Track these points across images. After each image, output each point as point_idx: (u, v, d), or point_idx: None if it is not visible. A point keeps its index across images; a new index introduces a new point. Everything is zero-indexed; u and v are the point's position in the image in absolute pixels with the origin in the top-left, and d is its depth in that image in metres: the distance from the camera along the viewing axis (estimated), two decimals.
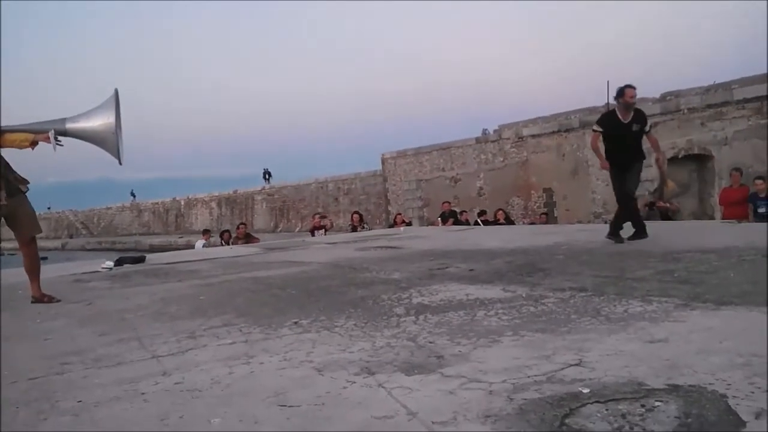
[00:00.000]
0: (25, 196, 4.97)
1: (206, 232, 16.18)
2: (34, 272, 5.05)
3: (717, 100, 16.95)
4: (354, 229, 14.30)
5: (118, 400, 2.35)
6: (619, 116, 6.56)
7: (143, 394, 2.41)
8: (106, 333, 3.68)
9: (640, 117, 6.61)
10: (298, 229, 32.11)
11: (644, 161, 6.77)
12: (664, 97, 19.94)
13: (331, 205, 31.94)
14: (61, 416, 2.22)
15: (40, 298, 5.00)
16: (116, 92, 4.93)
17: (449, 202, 16.97)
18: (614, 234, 6.71)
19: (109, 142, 4.82)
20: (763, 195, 10.17)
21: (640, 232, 6.61)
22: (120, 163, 4.97)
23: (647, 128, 6.63)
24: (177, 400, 2.31)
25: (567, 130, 20.28)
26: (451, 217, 15.51)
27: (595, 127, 6.71)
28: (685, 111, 17.26)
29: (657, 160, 6.88)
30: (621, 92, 6.53)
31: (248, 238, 13.74)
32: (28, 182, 4.98)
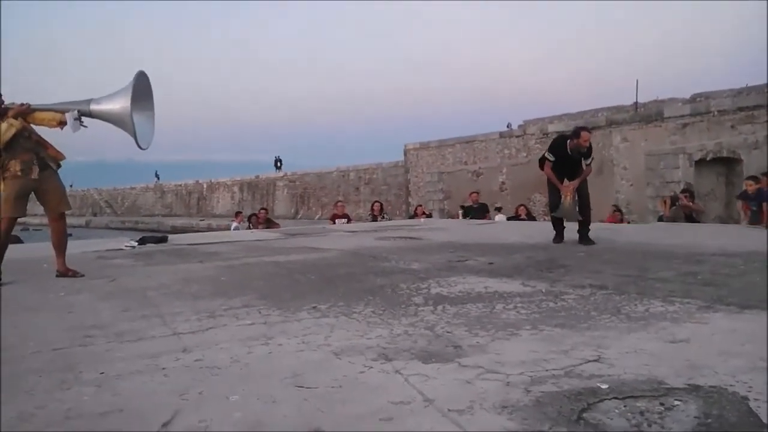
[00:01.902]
0: (55, 171, 5.05)
1: (238, 214, 16.40)
2: (60, 247, 5.14)
3: (749, 103, 16.60)
4: (374, 218, 14.28)
5: (140, 374, 2.40)
6: (568, 149, 6.95)
7: (164, 369, 2.45)
8: (128, 309, 3.74)
9: (587, 152, 6.98)
10: (318, 216, 32.20)
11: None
12: (694, 98, 19.60)
13: (351, 194, 31.95)
14: (84, 386, 2.27)
15: (65, 272, 5.10)
16: (139, 74, 4.92)
17: (477, 192, 15.19)
18: (559, 236, 7.17)
19: (126, 124, 4.85)
20: (753, 194, 9.95)
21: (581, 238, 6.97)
22: (139, 147, 4.96)
23: (589, 161, 7.03)
24: (197, 376, 2.35)
25: (593, 128, 20.01)
26: (481, 210, 14.00)
27: (549, 156, 7.17)
28: (716, 113, 16.94)
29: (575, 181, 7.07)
30: (577, 134, 6.89)
31: (269, 224, 13.83)
32: (64, 158, 5.06)
